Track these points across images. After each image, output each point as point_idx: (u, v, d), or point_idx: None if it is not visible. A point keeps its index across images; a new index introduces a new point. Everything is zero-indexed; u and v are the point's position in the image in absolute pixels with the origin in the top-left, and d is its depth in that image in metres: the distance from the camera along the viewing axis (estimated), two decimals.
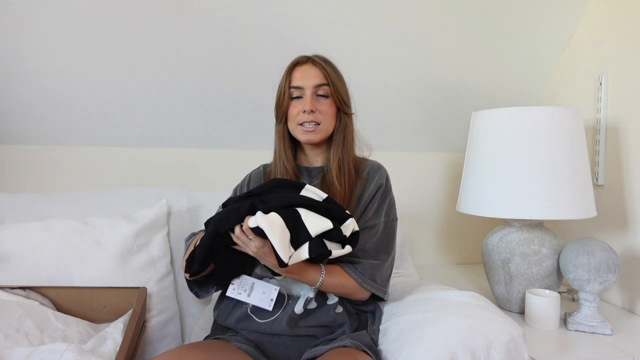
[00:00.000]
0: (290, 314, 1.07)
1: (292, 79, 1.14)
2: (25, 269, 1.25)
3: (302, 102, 1.13)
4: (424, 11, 1.62)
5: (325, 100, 1.14)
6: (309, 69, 1.14)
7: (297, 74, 1.15)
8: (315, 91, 1.13)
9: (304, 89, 1.13)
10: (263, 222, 0.91)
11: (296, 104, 1.14)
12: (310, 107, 1.11)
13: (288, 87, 1.15)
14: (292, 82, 1.14)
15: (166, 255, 1.40)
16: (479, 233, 2.02)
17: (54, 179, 1.73)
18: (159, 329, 1.31)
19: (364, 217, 1.16)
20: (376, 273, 1.12)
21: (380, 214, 1.17)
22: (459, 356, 0.95)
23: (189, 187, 1.70)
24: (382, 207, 1.18)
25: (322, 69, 1.14)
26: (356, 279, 1.09)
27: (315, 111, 1.13)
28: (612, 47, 1.59)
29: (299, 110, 1.13)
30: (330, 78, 1.13)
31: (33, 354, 0.95)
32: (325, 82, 1.13)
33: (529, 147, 1.36)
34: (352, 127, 1.20)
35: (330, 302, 1.11)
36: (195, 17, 1.51)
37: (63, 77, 1.57)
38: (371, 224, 1.15)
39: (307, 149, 1.21)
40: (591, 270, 1.28)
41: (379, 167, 1.22)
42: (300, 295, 1.10)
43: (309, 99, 1.12)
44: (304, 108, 1.12)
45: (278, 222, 0.93)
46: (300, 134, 1.15)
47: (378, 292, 1.12)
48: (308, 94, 1.13)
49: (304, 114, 1.12)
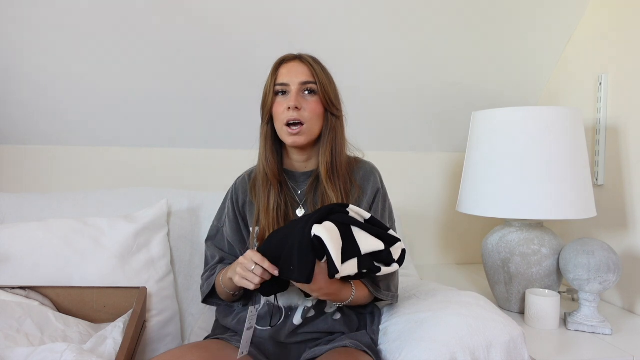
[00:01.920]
0: (289, 325, 1.08)
1: (278, 76, 1.10)
2: (25, 269, 1.25)
3: (287, 99, 1.08)
4: (425, 11, 1.62)
5: (312, 98, 1.09)
6: (296, 66, 1.10)
7: (284, 70, 1.10)
8: (301, 88, 1.08)
9: (290, 85, 1.08)
10: (320, 230, 0.89)
11: (281, 101, 1.09)
12: (294, 103, 1.05)
13: (273, 85, 1.09)
14: (278, 79, 1.09)
15: (166, 255, 1.40)
16: (479, 233, 2.02)
17: (54, 179, 1.73)
18: (159, 329, 1.31)
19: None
20: (391, 282, 1.13)
21: (385, 220, 1.16)
22: (459, 356, 0.95)
23: (189, 187, 1.70)
24: (385, 212, 1.17)
25: (309, 66, 1.09)
26: (374, 293, 1.09)
27: (300, 108, 1.06)
28: (612, 47, 1.59)
29: (284, 107, 1.07)
30: (318, 76, 1.08)
31: (33, 354, 0.95)
32: (312, 79, 1.08)
33: (529, 147, 1.36)
34: (342, 129, 1.14)
35: (329, 310, 1.11)
36: (196, 17, 1.51)
37: (63, 77, 1.57)
38: None
39: (293, 152, 1.15)
40: (591, 270, 1.28)
41: (372, 170, 1.18)
42: (299, 305, 1.10)
43: (294, 95, 1.07)
44: (289, 104, 1.06)
45: (335, 231, 0.90)
46: (286, 135, 1.08)
47: (392, 300, 1.13)
48: (294, 90, 1.07)
49: (288, 111, 1.06)
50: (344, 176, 1.12)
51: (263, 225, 1.10)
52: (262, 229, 1.10)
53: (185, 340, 1.39)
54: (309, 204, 1.13)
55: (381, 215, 1.15)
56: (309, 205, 1.13)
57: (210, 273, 1.20)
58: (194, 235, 1.49)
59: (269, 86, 1.11)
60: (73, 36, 1.48)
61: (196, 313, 1.43)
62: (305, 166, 1.17)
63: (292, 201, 1.14)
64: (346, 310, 1.12)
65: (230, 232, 1.19)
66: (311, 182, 1.14)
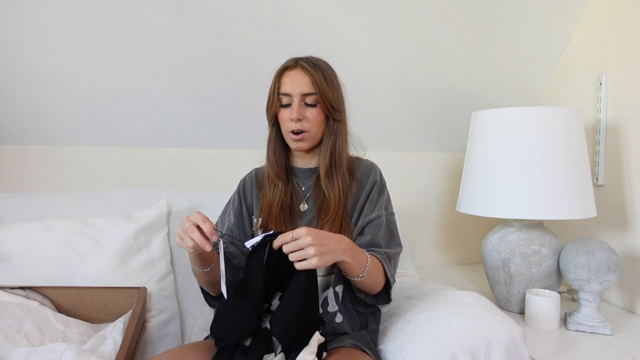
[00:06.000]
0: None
1: (280, 85, 1.15)
2: (25, 269, 1.25)
3: (290, 110, 1.14)
4: (425, 11, 1.62)
5: (313, 108, 1.14)
6: (297, 75, 1.13)
7: (286, 79, 1.14)
8: (302, 99, 1.13)
9: (292, 96, 1.13)
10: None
11: (285, 112, 1.15)
12: (297, 115, 1.11)
13: (277, 93, 1.15)
14: (281, 89, 1.14)
15: (166, 255, 1.40)
16: (479, 233, 2.02)
17: (54, 179, 1.73)
18: (159, 329, 1.31)
19: (364, 213, 1.16)
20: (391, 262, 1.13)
21: (380, 207, 1.18)
22: (459, 356, 0.95)
23: (189, 187, 1.70)
24: (381, 201, 1.18)
25: (310, 76, 1.13)
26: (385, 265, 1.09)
27: (302, 119, 1.13)
28: (612, 47, 1.59)
29: (287, 117, 1.14)
30: (318, 85, 1.12)
31: (33, 354, 0.95)
32: (312, 91, 1.12)
33: (529, 147, 1.36)
34: (344, 131, 1.19)
35: (332, 310, 1.10)
36: (196, 17, 1.51)
37: (63, 77, 1.57)
38: (374, 217, 1.15)
39: (298, 153, 1.22)
40: (591, 270, 1.28)
41: (372, 166, 1.22)
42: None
43: (296, 107, 1.12)
44: (291, 117, 1.12)
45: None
46: (291, 141, 1.15)
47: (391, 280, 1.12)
48: (296, 102, 1.12)
49: (291, 121, 1.13)
50: (343, 175, 1.16)
51: (266, 217, 1.16)
52: (264, 219, 1.16)
53: (185, 340, 1.39)
54: (312, 199, 1.18)
55: (375, 204, 1.17)
56: (312, 200, 1.18)
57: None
58: None
59: (272, 92, 1.17)
60: (73, 36, 1.48)
61: (196, 313, 1.43)
62: (310, 162, 1.22)
63: (296, 196, 1.20)
64: (347, 311, 1.12)
65: (234, 219, 1.22)
66: (314, 178, 1.19)
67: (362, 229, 1.15)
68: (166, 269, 1.38)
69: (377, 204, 1.17)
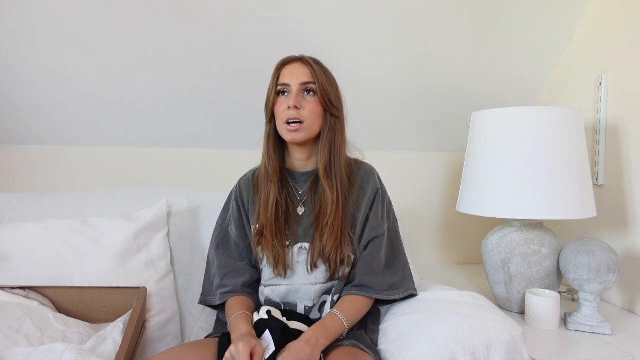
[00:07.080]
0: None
1: (279, 77, 1.14)
2: (25, 269, 1.24)
3: (288, 98, 1.12)
4: (425, 11, 1.62)
5: (312, 98, 1.12)
6: (298, 67, 1.13)
7: (285, 71, 1.14)
8: (301, 88, 1.11)
9: (291, 86, 1.12)
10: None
11: (282, 101, 1.13)
12: (294, 103, 1.10)
13: (275, 85, 1.14)
14: (280, 80, 1.13)
15: (166, 255, 1.40)
16: (479, 233, 2.01)
17: (54, 179, 1.73)
18: (159, 329, 1.31)
19: (369, 226, 1.16)
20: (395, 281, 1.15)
21: (384, 218, 1.18)
22: (459, 356, 0.95)
23: (189, 187, 1.70)
24: (384, 210, 1.18)
25: (310, 67, 1.13)
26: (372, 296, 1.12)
27: (300, 108, 1.11)
28: (612, 47, 1.59)
29: (285, 107, 1.11)
30: (318, 77, 1.12)
31: (33, 354, 0.95)
32: (312, 80, 1.11)
33: (529, 147, 1.36)
34: (342, 129, 1.17)
35: None
36: (196, 17, 1.51)
37: (63, 77, 1.57)
38: (380, 233, 1.16)
39: (294, 150, 1.18)
40: (591, 270, 1.28)
41: (372, 172, 1.21)
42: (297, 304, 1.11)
43: (294, 95, 1.11)
44: (289, 104, 1.10)
45: None
46: (286, 132, 1.12)
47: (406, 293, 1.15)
48: (294, 91, 1.11)
49: (288, 110, 1.10)
50: (342, 176, 1.15)
51: (262, 221, 1.14)
52: (261, 224, 1.14)
53: (185, 340, 1.38)
54: (309, 202, 1.16)
55: (380, 215, 1.17)
56: (309, 204, 1.16)
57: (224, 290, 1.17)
58: (194, 235, 1.49)
59: (271, 86, 1.15)
60: (74, 36, 1.48)
61: (196, 313, 1.43)
62: (306, 165, 1.20)
63: (293, 199, 1.17)
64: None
65: (235, 230, 1.21)
66: (311, 181, 1.17)
67: (367, 243, 1.15)
68: (166, 269, 1.38)
69: (381, 214, 1.17)
